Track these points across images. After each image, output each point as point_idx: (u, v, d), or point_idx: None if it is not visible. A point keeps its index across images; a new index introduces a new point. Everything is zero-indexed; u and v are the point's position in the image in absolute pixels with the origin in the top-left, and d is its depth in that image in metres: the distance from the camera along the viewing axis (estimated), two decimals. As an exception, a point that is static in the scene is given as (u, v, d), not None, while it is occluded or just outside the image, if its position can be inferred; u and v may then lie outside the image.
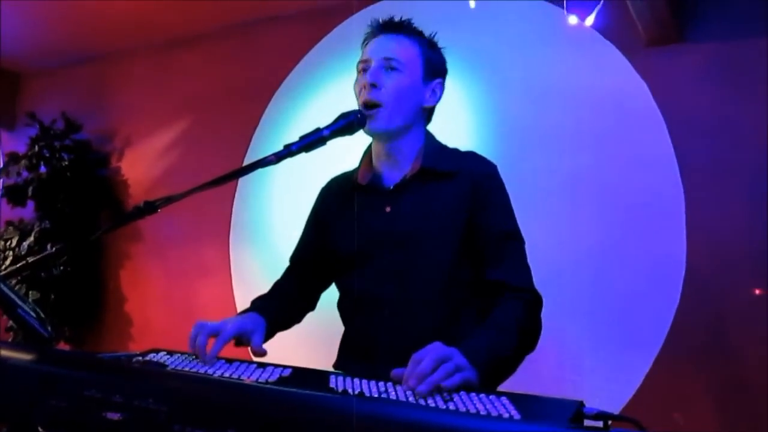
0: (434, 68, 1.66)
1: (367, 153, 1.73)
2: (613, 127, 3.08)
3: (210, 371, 1.22)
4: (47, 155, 4.50)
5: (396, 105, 1.58)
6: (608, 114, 3.09)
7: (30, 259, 1.43)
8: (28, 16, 4.08)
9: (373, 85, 1.57)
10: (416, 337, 1.24)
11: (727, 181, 2.87)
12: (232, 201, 4.09)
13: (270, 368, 1.25)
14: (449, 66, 1.74)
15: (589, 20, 2.70)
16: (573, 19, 2.76)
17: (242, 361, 1.34)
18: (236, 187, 4.07)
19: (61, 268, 4.31)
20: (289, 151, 1.46)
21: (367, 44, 1.67)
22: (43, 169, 4.48)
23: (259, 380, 1.16)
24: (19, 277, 4.13)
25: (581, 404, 1.01)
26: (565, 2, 2.71)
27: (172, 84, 4.50)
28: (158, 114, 4.53)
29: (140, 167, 4.58)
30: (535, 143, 3.21)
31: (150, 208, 1.41)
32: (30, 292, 4.26)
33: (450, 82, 1.73)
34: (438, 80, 1.67)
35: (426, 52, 1.64)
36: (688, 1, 2.98)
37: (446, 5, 3.37)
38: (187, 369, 1.24)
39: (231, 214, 4.10)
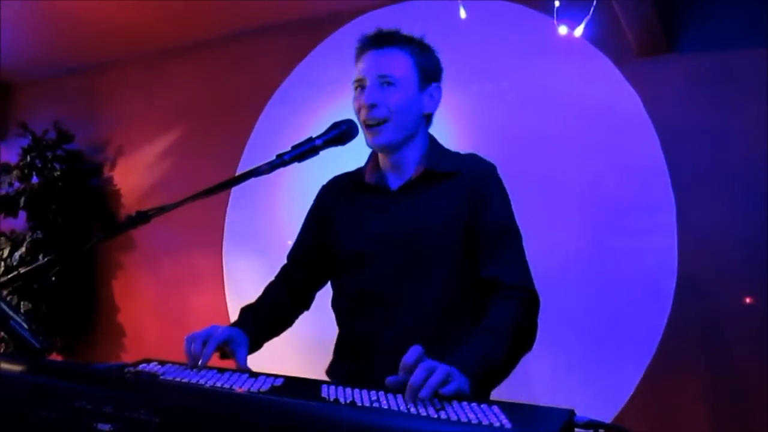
0: (429, 74, 1.66)
1: (375, 154, 1.75)
2: (604, 136, 3.10)
3: (202, 381, 1.21)
4: (39, 165, 4.49)
5: (398, 119, 1.59)
6: (599, 123, 3.11)
7: (22, 270, 1.43)
8: (19, 26, 4.08)
9: (372, 106, 1.58)
10: (416, 336, 1.24)
11: (718, 189, 2.89)
12: (225, 210, 4.09)
13: (262, 378, 1.25)
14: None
15: (579, 31, 2.71)
16: (563, 30, 2.78)
17: (234, 371, 1.34)
18: (229, 196, 4.07)
19: (53, 278, 4.29)
20: (282, 160, 1.47)
21: (359, 60, 1.66)
22: (35, 180, 4.47)
23: (251, 390, 1.16)
24: (10, 288, 4.11)
25: (572, 413, 1.01)
26: (555, 12, 2.72)
27: (164, 93, 4.50)
28: (150, 123, 4.53)
29: (133, 177, 4.57)
30: (527, 152, 3.22)
31: (142, 217, 1.41)
32: (22, 303, 4.24)
33: (442, 90, 1.74)
34: (434, 84, 1.67)
35: (418, 60, 1.64)
36: (679, 12, 3.00)
37: (437, 15, 3.39)
38: (179, 379, 1.23)
39: (224, 223, 4.09)
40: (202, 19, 4.01)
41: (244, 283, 3.94)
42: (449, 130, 3.36)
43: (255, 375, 1.28)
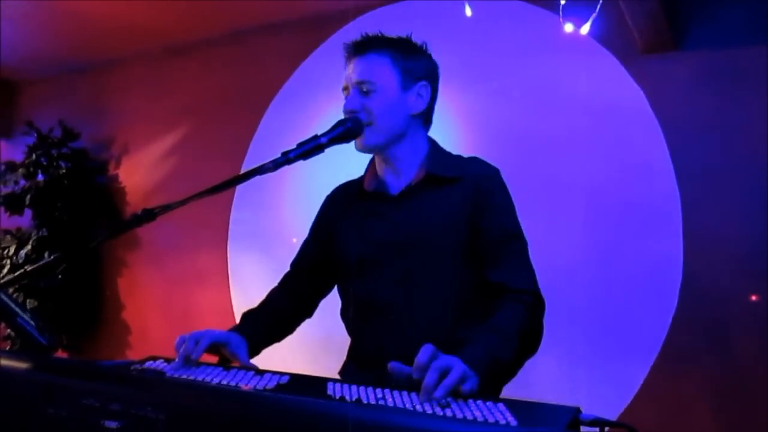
0: (413, 74, 1.64)
1: (373, 160, 1.75)
2: (610, 133, 3.09)
3: (208, 379, 1.22)
4: (45, 163, 4.50)
5: (380, 122, 1.59)
6: (604, 120, 3.10)
7: (28, 268, 1.43)
8: (24, 24, 4.09)
9: (352, 113, 1.59)
10: (424, 342, 1.24)
11: (724, 186, 2.88)
12: (230, 208, 4.09)
13: (268, 375, 1.26)
14: (445, 73, 1.73)
15: (585, 29, 2.70)
16: (569, 27, 2.77)
17: (240, 368, 1.34)
18: (234, 194, 4.07)
19: (59, 276, 4.30)
20: (287, 158, 1.47)
21: (346, 67, 1.67)
22: (40, 177, 4.48)
23: (257, 387, 1.16)
24: (17, 286, 4.13)
25: (578, 410, 1.01)
26: (561, 10, 2.71)
27: (169, 91, 4.50)
28: (156, 121, 4.53)
29: (138, 175, 4.58)
30: (532, 149, 3.22)
31: (148, 215, 1.41)
32: (28, 301, 4.26)
33: (446, 88, 1.73)
34: (421, 83, 1.65)
35: (399, 62, 1.63)
36: (684, 9, 2.99)
37: (442, 13, 3.38)
38: (184, 376, 1.24)
39: (229, 220, 4.10)
40: (206, 18, 4.01)
41: (248, 280, 3.94)
42: (454, 128, 3.36)
43: (261, 373, 1.28)
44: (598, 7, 2.63)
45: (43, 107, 4.99)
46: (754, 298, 2.77)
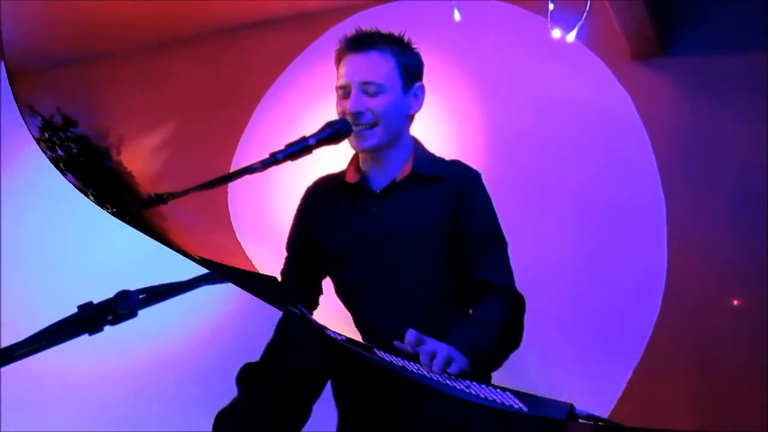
0: (412, 74, 1.66)
1: (356, 153, 1.75)
2: (596, 139, 3.10)
3: None
4: (57, 143, 4.45)
5: (385, 123, 1.60)
6: (591, 125, 3.12)
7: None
8: (15, 16, 4.06)
9: (358, 113, 1.58)
10: (401, 335, 1.27)
11: (709, 193, 2.91)
12: (218, 203, 4.07)
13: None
14: (435, 74, 1.74)
15: (571, 36, 2.72)
16: (556, 33, 2.78)
17: None
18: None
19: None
20: (275, 159, 1.48)
21: (340, 64, 1.66)
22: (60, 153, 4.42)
23: None
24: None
25: (572, 406, 1.04)
26: (548, 14, 2.72)
27: (159, 87, 4.47)
28: (146, 116, 4.50)
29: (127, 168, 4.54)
30: (518, 153, 3.22)
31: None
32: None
33: (435, 90, 1.74)
34: (418, 84, 1.67)
35: (401, 60, 1.64)
36: (673, 16, 3.01)
37: (432, 14, 3.38)
38: None
39: (216, 216, 4.08)
40: (199, 13, 3.99)
41: (235, 277, 3.92)
42: (443, 131, 3.36)
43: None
44: (585, 13, 2.64)
45: (33, 98, 4.94)
46: (736, 302, 2.80)
